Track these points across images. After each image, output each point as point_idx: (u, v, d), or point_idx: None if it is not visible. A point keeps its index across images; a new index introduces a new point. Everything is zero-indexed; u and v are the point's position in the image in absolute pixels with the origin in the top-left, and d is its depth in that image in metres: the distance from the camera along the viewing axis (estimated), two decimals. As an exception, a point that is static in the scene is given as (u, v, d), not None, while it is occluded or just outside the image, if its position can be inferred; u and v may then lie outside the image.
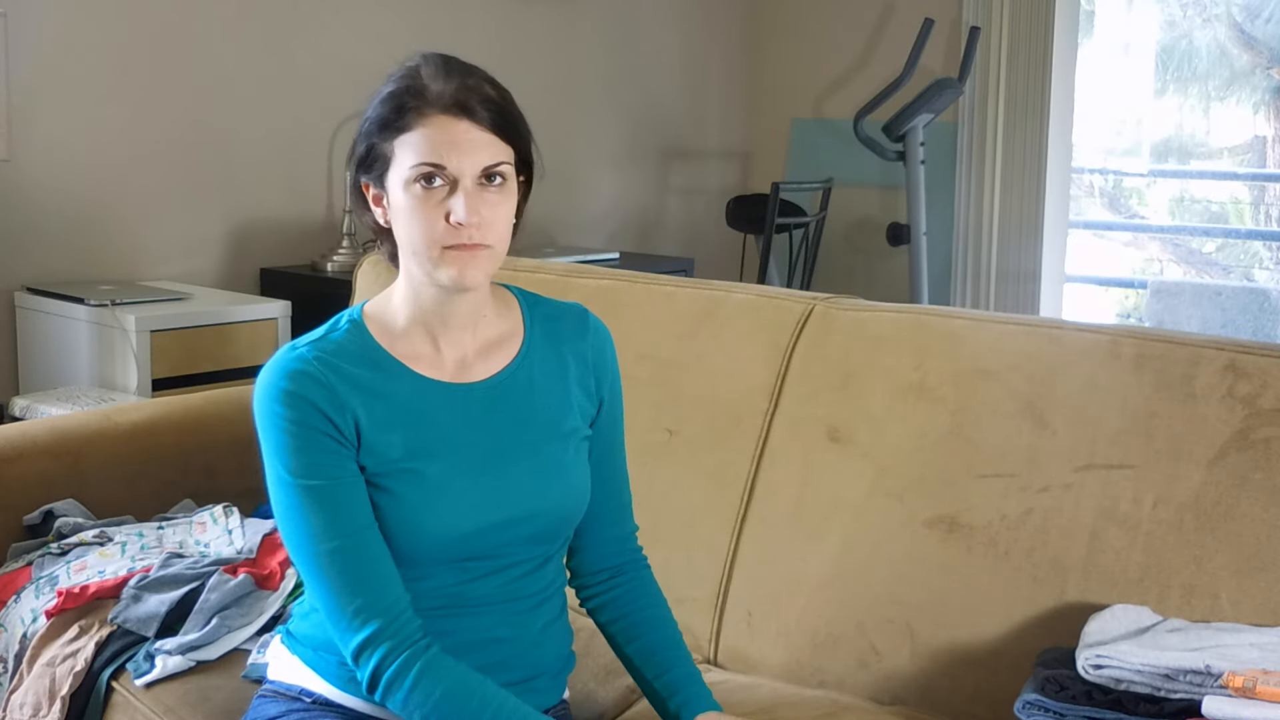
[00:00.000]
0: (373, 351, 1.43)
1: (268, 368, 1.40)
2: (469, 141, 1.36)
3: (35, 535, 2.10)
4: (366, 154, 1.41)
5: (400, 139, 1.37)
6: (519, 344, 1.50)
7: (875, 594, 1.78)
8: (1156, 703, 1.38)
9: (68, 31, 3.26)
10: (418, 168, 1.36)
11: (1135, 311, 5.03)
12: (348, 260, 3.56)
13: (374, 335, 1.45)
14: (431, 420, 1.43)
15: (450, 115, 1.36)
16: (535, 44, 4.31)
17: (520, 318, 1.53)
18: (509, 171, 1.40)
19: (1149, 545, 1.62)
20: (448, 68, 1.39)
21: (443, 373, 1.45)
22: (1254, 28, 4.91)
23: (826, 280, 4.65)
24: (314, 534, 1.36)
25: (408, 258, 1.42)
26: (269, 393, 1.38)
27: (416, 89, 1.37)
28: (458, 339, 1.46)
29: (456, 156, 1.35)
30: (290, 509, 1.37)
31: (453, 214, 1.35)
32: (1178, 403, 1.65)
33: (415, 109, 1.36)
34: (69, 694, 1.78)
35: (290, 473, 1.36)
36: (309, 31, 3.75)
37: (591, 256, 3.86)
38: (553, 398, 1.50)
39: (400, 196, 1.38)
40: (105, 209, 3.38)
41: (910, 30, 4.41)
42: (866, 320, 1.95)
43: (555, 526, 1.49)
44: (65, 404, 2.81)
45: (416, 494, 1.40)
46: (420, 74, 1.38)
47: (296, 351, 1.41)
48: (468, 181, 1.36)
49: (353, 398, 1.39)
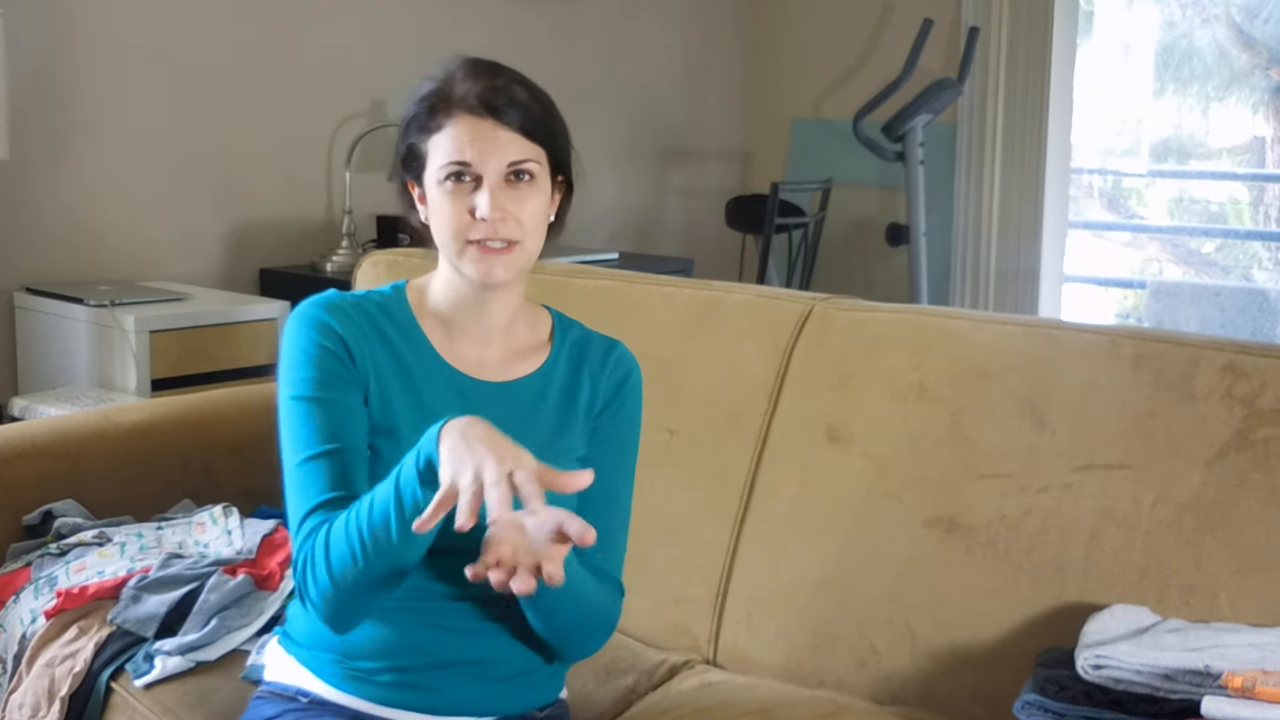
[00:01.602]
0: (407, 320, 1.50)
1: (309, 300, 1.49)
2: (494, 139, 1.41)
3: (34, 535, 2.10)
4: (408, 153, 1.47)
5: (433, 138, 1.43)
6: (543, 359, 1.54)
7: (875, 594, 1.78)
8: (1156, 703, 1.38)
9: (68, 31, 3.26)
10: (446, 166, 1.42)
11: (1134, 312, 5.03)
12: (348, 260, 3.56)
13: (411, 307, 1.51)
14: (437, 399, 1.46)
15: (475, 115, 1.42)
16: (535, 44, 4.31)
17: (550, 337, 1.57)
18: (537, 170, 1.44)
19: (1148, 545, 1.62)
20: (476, 69, 1.45)
21: (461, 364, 1.50)
22: (1253, 28, 4.91)
23: (826, 280, 4.65)
24: (310, 439, 1.41)
25: (441, 252, 1.47)
26: (304, 317, 1.47)
27: (444, 90, 1.44)
28: (483, 338, 1.51)
29: (481, 154, 1.41)
30: (293, 418, 1.43)
31: (476, 209, 1.41)
32: (1177, 403, 1.65)
33: (444, 109, 1.43)
34: (68, 694, 1.78)
35: (303, 381, 1.43)
36: (309, 31, 3.75)
37: (591, 256, 3.87)
38: (559, 415, 1.52)
39: (434, 193, 1.44)
40: (105, 209, 3.38)
41: (909, 31, 4.41)
42: (866, 320, 1.95)
43: None
44: (65, 404, 2.81)
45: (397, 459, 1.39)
46: (454, 76, 1.44)
47: (340, 295, 1.50)
48: (492, 178, 1.41)
49: (376, 351, 1.46)
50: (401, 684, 1.45)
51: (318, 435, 1.41)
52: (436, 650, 1.45)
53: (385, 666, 1.45)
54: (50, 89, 3.24)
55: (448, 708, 1.46)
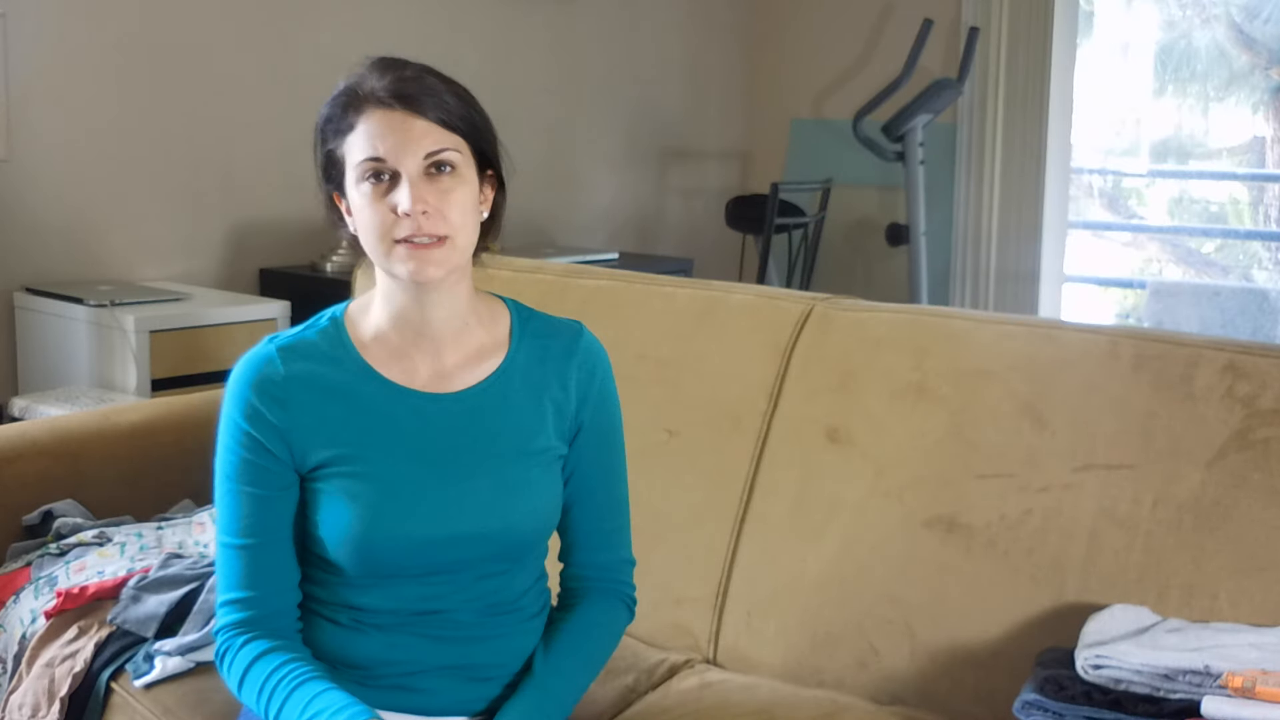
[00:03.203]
0: (344, 353, 1.44)
1: (240, 366, 1.45)
2: (406, 130, 1.35)
3: (34, 535, 2.10)
4: (326, 162, 1.42)
5: (347, 140, 1.38)
6: (501, 358, 1.48)
7: (875, 594, 1.78)
8: (1156, 703, 1.38)
9: (68, 31, 3.26)
10: (362, 165, 1.36)
11: (1134, 312, 5.03)
12: (347, 260, 3.56)
13: (351, 336, 1.45)
14: (393, 426, 1.42)
15: (386, 108, 1.36)
16: (535, 44, 4.31)
17: (508, 331, 1.50)
18: (458, 160, 1.38)
19: (1148, 545, 1.62)
20: (384, 64, 1.40)
21: (414, 380, 1.44)
22: (1253, 28, 4.91)
23: (826, 280, 4.65)
24: (234, 528, 1.43)
25: (372, 258, 1.41)
26: (234, 396, 1.44)
27: (359, 88, 1.38)
28: (435, 349, 1.45)
29: (395, 147, 1.35)
30: (223, 496, 1.44)
31: (398, 205, 1.35)
32: (1177, 403, 1.65)
33: (354, 106, 1.37)
34: (68, 695, 1.78)
35: (230, 470, 1.43)
36: (309, 31, 3.75)
37: (591, 256, 3.86)
38: (525, 415, 1.47)
39: (354, 197, 1.39)
40: (105, 209, 3.38)
41: (909, 31, 4.41)
42: (866, 320, 1.95)
43: (515, 545, 1.46)
44: (64, 404, 2.81)
45: (370, 498, 1.40)
46: (364, 75, 1.39)
47: (269, 351, 1.44)
48: (411, 171, 1.35)
49: (314, 409, 1.41)
50: (394, 686, 1.45)
51: (238, 525, 1.42)
52: (427, 659, 1.44)
53: (377, 671, 1.45)
54: (50, 89, 3.24)
55: (439, 708, 1.45)
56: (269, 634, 1.42)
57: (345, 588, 1.43)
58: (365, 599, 1.43)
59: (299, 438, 1.41)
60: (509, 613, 1.47)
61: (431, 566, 1.42)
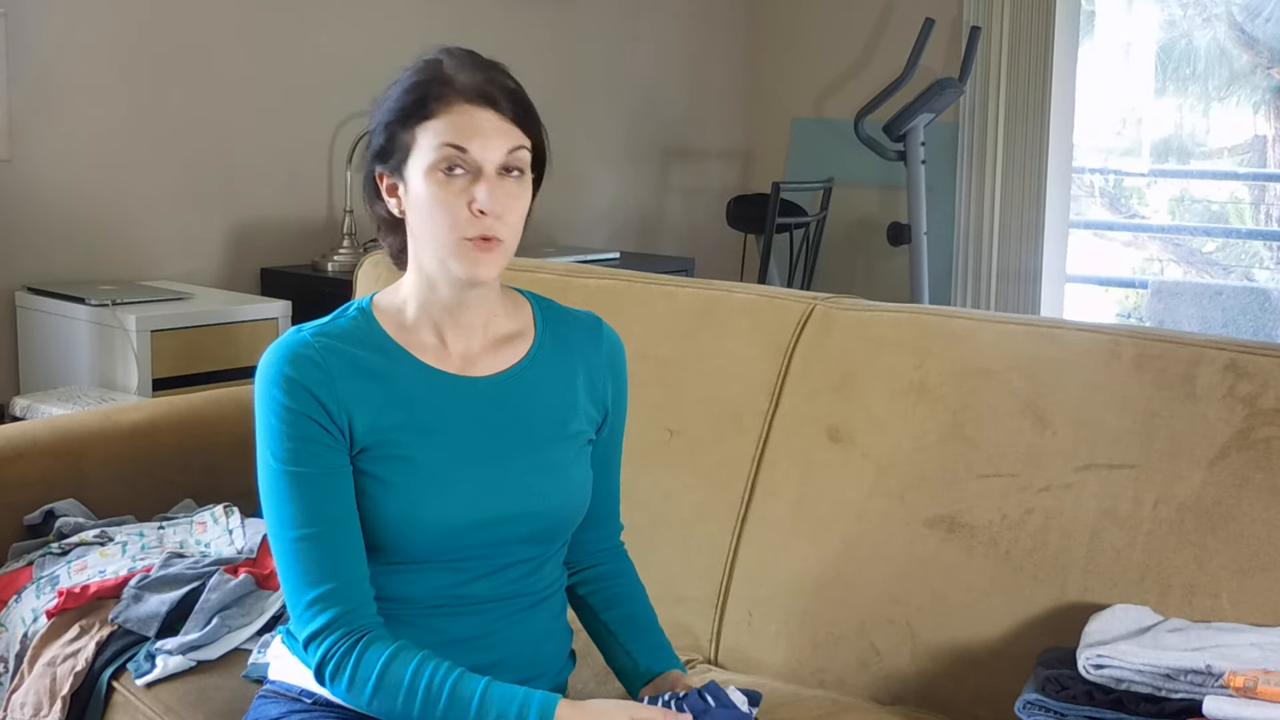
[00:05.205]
0: (379, 338, 1.44)
1: (271, 349, 1.41)
2: (493, 130, 1.37)
3: (36, 535, 2.10)
4: (386, 143, 1.41)
5: (423, 126, 1.38)
6: (529, 344, 1.51)
7: (876, 594, 1.78)
8: (1157, 703, 1.38)
9: (68, 31, 3.26)
10: (441, 149, 1.36)
11: (1135, 311, 5.03)
12: (348, 260, 3.56)
13: (381, 325, 1.46)
14: (433, 408, 1.43)
15: (475, 104, 1.38)
16: (535, 44, 4.31)
17: (532, 319, 1.54)
18: (527, 162, 1.41)
19: (1149, 545, 1.62)
20: (472, 60, 1.42)
21: (449, 365, 1.46)
22: (1254, 27, 4.91)
23: (827, 280, 4.66)
24: (292, 519, 1.37)
25: (423, 249, 1.42)
26: (269, 376, 1.39)
27: (441, 78, 1.39)
28: (466, 335, 1.47)
29: (481, 143, 1.37)
30: (273, 491, 1.38)
31: (476, 201, 1.36)
32: (1178, 402, 1.65)
33: (440, 96, 1.38)
34: (70, 694, 1.78)
35: (278, 457, 1.38)
36: (309, 31, 3.75)
37: (591, 256, 3.86)
38: (559, 400, 1.50)
39: (420, 185, 1.38)
40: (105, 209, 3.38)
41: (911, 30, 4.41)
42: (867, 320, 1.95)
43: (553, 527, 1.49)
44: (66, 404, 2.81)
45: (412, 481, 1.40)
46: (444, 65, 1.40)
47: (301, 335, 1.42)
48: (490, 170, 1.37)
49: (353, 384, 1.40)
50: None
51: (302, 516, 1.36)
52: (455, 654, 1.44)
53: None
54: (52, 89, 3.24)
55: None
56: (370, 630, 1.37)
57: (377, 575, 1.42)
58: (396, 587, 1.42)
59: (342, 409, 1.38)
60: (532, 608, 1.49)
61: (467, 551, 1.42)
